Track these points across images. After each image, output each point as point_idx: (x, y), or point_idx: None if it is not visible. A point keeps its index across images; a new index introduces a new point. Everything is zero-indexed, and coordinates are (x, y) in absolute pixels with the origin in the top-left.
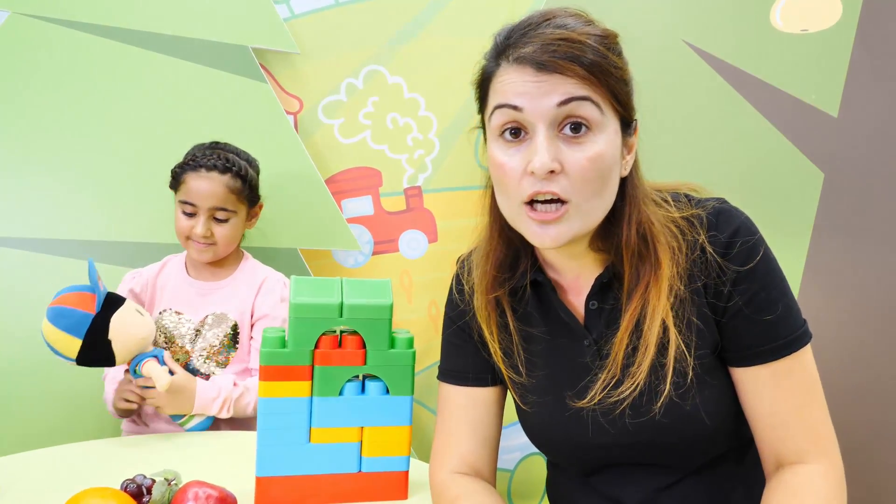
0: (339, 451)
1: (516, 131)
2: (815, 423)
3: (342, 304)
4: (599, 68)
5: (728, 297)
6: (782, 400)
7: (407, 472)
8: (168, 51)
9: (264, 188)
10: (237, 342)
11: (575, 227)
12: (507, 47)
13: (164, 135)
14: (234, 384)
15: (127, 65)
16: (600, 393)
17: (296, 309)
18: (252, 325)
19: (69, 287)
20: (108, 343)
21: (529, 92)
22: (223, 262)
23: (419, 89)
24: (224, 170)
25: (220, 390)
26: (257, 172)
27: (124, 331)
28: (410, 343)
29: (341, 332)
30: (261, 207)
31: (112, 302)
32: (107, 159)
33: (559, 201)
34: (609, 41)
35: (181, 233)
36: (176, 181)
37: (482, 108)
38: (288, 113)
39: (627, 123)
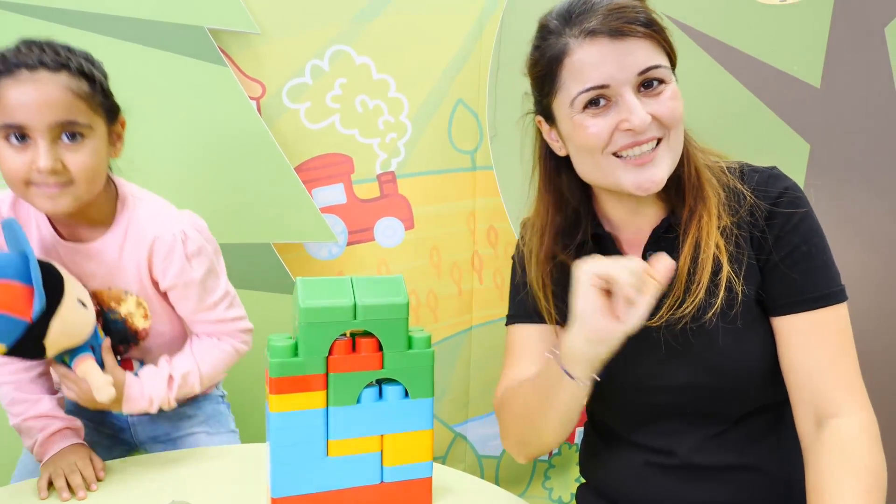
0: (360, 463)
1: (598, 101)
2: (850, 375)
3: (355, 304)
4: (657, 26)
5: (771, 248)
6: (818, 349)
7: (430, 479)
8: (116, 33)
9: (230, 178)
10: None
11: (668, 162)
12: (572, 24)
13: None
14: (170, 377)
15: None
16: (667, 313)
17: (307, 314)
18: (162, 294)
19: None
20: (42, 348)
21: (610, 62)
22: (92, 209)
23: (388, 70)
24: (57, 66)
25: (151, 400)
26: (105, 76)
27: (64, 335)
28: (428, 342)
29: (352, 334)
30: (123, 125)
31: (50, 290)
32: None
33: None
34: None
35: (15, 177)
36: None
37: (550, 90)
38: (250, 98)
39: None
